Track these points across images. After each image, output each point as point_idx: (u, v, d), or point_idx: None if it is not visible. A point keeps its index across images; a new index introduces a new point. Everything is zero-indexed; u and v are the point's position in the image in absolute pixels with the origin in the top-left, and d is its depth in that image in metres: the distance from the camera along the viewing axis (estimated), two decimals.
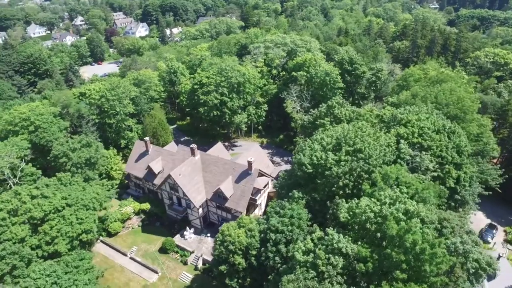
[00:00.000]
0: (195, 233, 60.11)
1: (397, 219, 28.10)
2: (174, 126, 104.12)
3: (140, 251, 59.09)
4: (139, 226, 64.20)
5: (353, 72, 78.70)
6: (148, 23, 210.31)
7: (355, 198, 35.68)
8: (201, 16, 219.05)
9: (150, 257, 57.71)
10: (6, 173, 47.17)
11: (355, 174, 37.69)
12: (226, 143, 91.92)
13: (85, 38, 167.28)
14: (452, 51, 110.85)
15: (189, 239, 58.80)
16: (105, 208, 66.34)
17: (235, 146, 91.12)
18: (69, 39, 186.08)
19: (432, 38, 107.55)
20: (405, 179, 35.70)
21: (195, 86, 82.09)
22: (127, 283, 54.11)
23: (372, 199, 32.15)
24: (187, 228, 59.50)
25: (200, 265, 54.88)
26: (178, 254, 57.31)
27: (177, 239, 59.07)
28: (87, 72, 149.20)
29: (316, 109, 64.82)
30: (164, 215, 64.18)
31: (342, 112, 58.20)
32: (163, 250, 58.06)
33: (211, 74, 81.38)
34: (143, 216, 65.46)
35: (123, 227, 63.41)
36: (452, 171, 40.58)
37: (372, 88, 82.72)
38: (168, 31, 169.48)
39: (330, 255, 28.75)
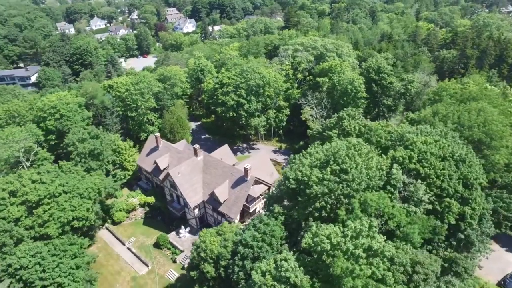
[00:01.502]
0: (190, 232, 60.49)
1: (351, 256, 25.03)
2: (199, 123, 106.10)
3: (137, 242, 61.02)
4: (142, 218, 66.37)
5: (379, 82, 73.08)
6: (196, 20, 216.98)
7: (330, 224, 32.81)
8: (249, 14, 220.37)
9: (144, 250, 59.32)
10: (21, 157, 51.54)
11: (333, 197, 34.62)
12: (245, 145, 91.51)
13: (135, 32, 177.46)
14: (509, 63, 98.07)
15: (183, 237, 59.34)
16: (115, 197, 70.46)
17: (253, 148, 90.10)
18: (122, 32, 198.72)
19: (484, 48, 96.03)
20: (387, 210, 31.90)
21: (216, 86, 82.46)
22: (118, 272, 56.22)
23: (340, 228, 29.12)
24: (182, 226, 60.08)
25: (186, 265, 55.05)
26: (170, 251, 58.16)
27: (172, 236, 59.95)
28: (132, 64, 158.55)
29: (327, 119, 61.36)
30: (166, 210, 65.50)
31: (351, 125, 54.30)
32: (157, 245, 59.32)
33: (233, 75, 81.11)
34: (147, 209, 67.64)
35: (127, 217, 66.04)
36: (453, 206, 35.40)
37: (401, 100, 76.18)
38: (210, 28, 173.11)
39: (276, 283, 26.64)
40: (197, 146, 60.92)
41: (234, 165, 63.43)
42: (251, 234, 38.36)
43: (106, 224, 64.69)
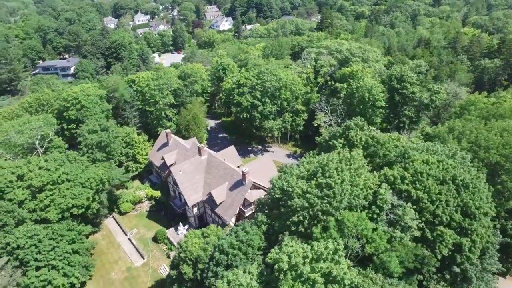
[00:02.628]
0: (188, 230, 60.95)
1: (307, 280, 23.28)
2: (219, 121, 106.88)
3: (138, 234, 62.76)
4: (146, 211, 68.17)
5: (400, 91, 68.48)
6: (233, 18, 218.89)
7: (305, 240, 31.16)
8: (286, 14, 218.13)
9: (143, 243, 60.84)
10: (35, 143, 55.14)
11: (311, 212, 32.71)
12: (260, 147, 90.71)
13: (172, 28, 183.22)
14: None
15: (180, 234, 59.95)
16: (126, 188, 73.11)
17: (267, 151, 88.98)
18: (161, 28, 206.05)
19: None
20: (366, 232, 29.46)
21: (233, 86, 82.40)
22: (116, 261, 58.21)
23: (306, 247, 27.35)
24: (180, 223, 60.75)
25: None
26: (166, 247, 59.09)
27: (170, 231, 60.89)
28: (165, 59, 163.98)
29: (337, 127, 58.67)
30: (169, 206, 66.67)
31: (357, 135, 51.35)
32: (155, 239, 60.56)
33: (250, 76, 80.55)
34: (153, 203, 69.36)
35: (133, 208, 68.20)
36: (447, 235, 31.84)
37: (424, 112, 70.88)
38: (243, 27, 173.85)
39: None
40: (201, 145, 61.24)
41: (239, 167, 62.88)
42: (229, 240, 37.61)
43: (113, 214, 67.33)
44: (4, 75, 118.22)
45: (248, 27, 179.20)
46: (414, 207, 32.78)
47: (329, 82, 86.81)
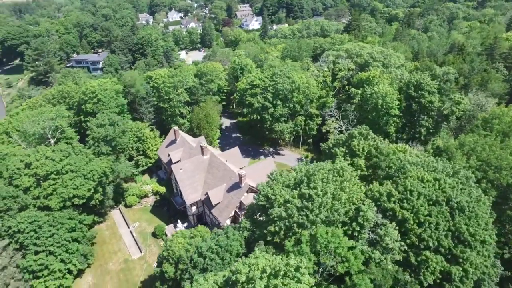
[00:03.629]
0: (187, 228, 61.42)
1: None
2: (234, 121, 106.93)
3: (139, 228, 64.28)
4: (151, 205, 69.67)
5: (417, 100, 64.50)
6: (263, 17, 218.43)
7: (278, 252, 30.07)
8: (317, 15, 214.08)
9: (143, 237, 62.20)
10: (47, 133, 58.12)
11: (287, 224, 31.40)
12: (271, 149, 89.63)
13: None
14: None
15: (177, 231, 60.54)
16: (135, 181, 75.20)
17: (278, 154, 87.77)
18: (192, 25, 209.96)
19: None
20: (340, 251, 27.74)
21: (247, 86, 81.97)
22: (116, 252, 59.99)
23: (268, 260, 26.20)
24: (179, 221, 61.38)
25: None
26: (163, 242, 59.87)
27: (168, 228, 61.71)
28: (192, 56, 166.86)
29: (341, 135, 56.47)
30: (171, 203, 67.65)
31: (359, 145, 49.05)
32: (155, 234, 61.67)
33: (264, 77, 79.71)
34: (158, 198, 70.75)
35: (138, 202, 69.97)
36: (432, 262, 29.21)
37: (444, 123, 66.30)
38: (270, 27, 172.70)
39: None
40: (203, 144, 61.39)
41: (241, 168, 62.35)
42: (209, 244, 37.29)
43: (120, 206, 69.48)
44: (41, 67, 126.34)
45: (276, 27, 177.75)
46: (399, 227, 30.39)
47: (347, 87, 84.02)
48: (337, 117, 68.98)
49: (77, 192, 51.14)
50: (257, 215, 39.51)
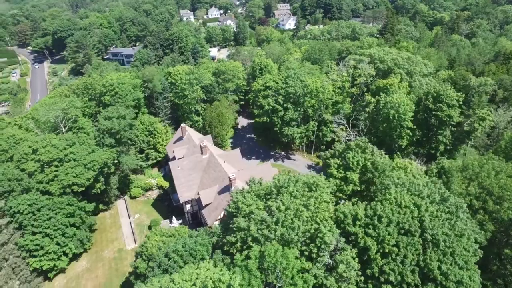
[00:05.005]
0: (181, 225, 62.11)
1: None
2: (251, 121, 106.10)
3: (138, 219, 66.19)
4: (153, 199, 71.44)
5: (434, 113, 59.27)
6: (301, 17, 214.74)
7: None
8: (357, 17, 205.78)
9: (140, 229, 63.96)
10: (58, 122, 61.75)
11: (243, 236, 30.11)
12: (283, 153, 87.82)
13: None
14: None
15: (173, 227, 61.39)
16: (144, 174, 77.57)
17: (289, 158, 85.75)
18: (229, 23, 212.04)
19: None
20: (288, 273, 25.99)
21: (261, 87, 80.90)
22: (113, 240, 62.33)
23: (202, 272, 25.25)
24: (173, 217, 62.25)
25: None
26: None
27: (163, 223, 62.81)
28: (223, 54, 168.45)
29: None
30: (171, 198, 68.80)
31: (354, 158, 46.20)
32: (151, 227, 63.05)
33: (278, 79, 78.14)
34: (161, 192, 72.36)
35: (143, 194, 72.07)
36: None
37: (465, 140, 60.35)
38: (303, 28, 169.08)
39: None
40: (203, 144, 61.49)
41: (239, 171, 61.66)
42: (175, 246, 37.20)
43: (126, 196, 72.08)
44: (80, 59, 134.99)
45: (309, 27, 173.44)
46: (361, 255, 27.79)
47: (365, 94, 79.69)
48: (345, 125, 65.37)
49: (76, 180, 53.69)
50: (230, 222, 38.67)
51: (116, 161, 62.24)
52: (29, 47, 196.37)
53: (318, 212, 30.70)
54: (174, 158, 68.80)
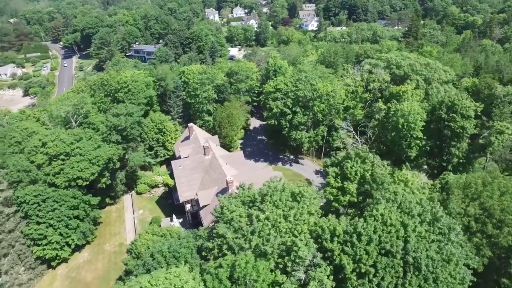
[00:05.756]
0: (182, 224, 62.70)
1: None
2: (264, 123, 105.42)
3: (142, 215, 67.48)
4: (159, 196, 72.57)
5: (446, 124, 56.09)
6: (325, 18, 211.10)
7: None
8: (383, 19, 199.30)
9: (142, 225, 65.11)
10: (74, 118, 64.04)
11: (219, 244, 29.64)
12: (292, 157, 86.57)
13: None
14: None
15: (172, 226, 62.08)
16: (152, 171, 79.03)
17: (297, 163, 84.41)
18: (252, 23, 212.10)
19: None
20: (258, 285, 25.26)
21: (271, 89, 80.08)
22: (115, 234, 63.96)
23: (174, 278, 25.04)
24: (174, 216, 62.86)
25: None
26: None
27: (164, 221, 63.54)
28: (243, 54, 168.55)
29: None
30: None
31: (353, 168, 44.62)
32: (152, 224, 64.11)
33: (289, 81, 77.01)
34: (167, 189, 73.40)
35: (148, 191, 73.42)
36: None
37: (481, 154, 56.77)
38: (325, 29, 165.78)
39: None
40: (206, 144, 61.62)
41: (239, 174, 61.29)
42: (160, 246, 37.47)
43: (133, 192, 73.75)
44: (103, 55, 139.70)
45: (333, 29, 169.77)
46: (336, 273, 26.55)
47: (379, 100, 76.87)
48: (352, 131, 63.36)
49: (81, 174, 55.42)
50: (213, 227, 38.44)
51: (122, 157, 63.62)
52: (61, 43, 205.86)
53: (298, 224, 29.71)
54: (180, 157, 69.55)
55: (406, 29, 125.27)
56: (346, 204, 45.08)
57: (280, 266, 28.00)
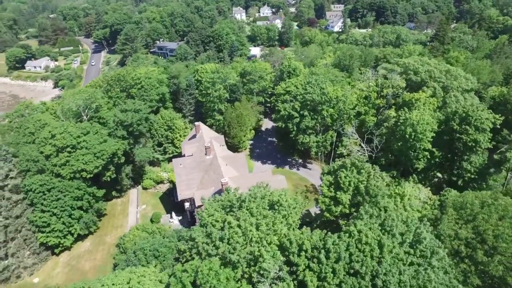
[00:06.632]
0: (181, 221, 63.42)
1: None
2: (276, 124, 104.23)
3: (144, 210, 68.92)
4: (163, 192, 73.79)
5: (458, 136, 52.59)
6: (352, 19, 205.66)
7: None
8: (411, 21, 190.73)
9: (143, 219, 66.43)
10: (85, 111, 66.42)
11: (189, 247, 29.30)
12: (300, 160, 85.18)
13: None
14: None
15: (171, 223, 62.95)
16: (160, 167, 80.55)
17: (305, 167, 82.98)
18: (277, 22, 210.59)
19: None
20: None
21: (282, 91, 79.02)
22: (117, 227, 65.71)
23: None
24: (173, 213, 63.62)
25: None
26: None
27: (164, 217, 64.57)
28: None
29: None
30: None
31: (347, 178, 43.02)
32: (152, 220, 65.24)
33: (299, 84, 75.57)
34: (171, 186, 74.44)
35: (154, 186, 74.86)
36: None
37: (495, 170, 52.77)
38: (349, 31, 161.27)
39: None
40: (207, 144, 61.77)
41: (237, 176, 60.91)
42: (143, 244, 37.95)
43: (139, 186, 75.51)
44: (127, 51, 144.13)
45: (359, 30, 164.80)
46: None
47: (392, 107, 73.60)
48: (358, 138, 61.06)
49: (85, 167, 57.36)
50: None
51: (129, 152, 65.17)
52: (92, 38, 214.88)
53: (269, 234, 28.82)
54: (185, 155, 70.25)
55: (434, 32, 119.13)
56: (338, 215, 43.50)
57: (246, 276, 27.33)
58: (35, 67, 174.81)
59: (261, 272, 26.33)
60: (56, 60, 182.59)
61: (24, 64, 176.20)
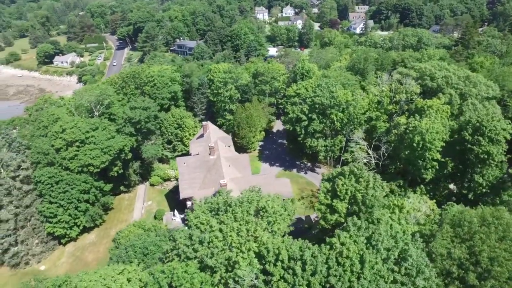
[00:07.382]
0: (182, 219, 64.01)
1: None
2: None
3: (149, 206, 70.18)
4: (169, 189, 74.79)
5: (469, 147, 49.82)
6: (375, 21, 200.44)
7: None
8: (436, 24, 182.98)
9: (148, 215, 67.70)
10: (97, 107, 68.39)
11: (171, 248, 29.30)
12: (309, 164, 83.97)
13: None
14: None
15: (173, 220, 63.73)
16: (169, 163, 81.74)
17: (313, 171, 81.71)
18: (299, 23, 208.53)
19: None
20: None
21: (292, 93, 78.04)
22: (122, 221, 67.23)
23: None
24: (176, 211, 64.31)
25: None
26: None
27: (167, 214, 65.45)
28: None
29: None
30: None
31: (344, 186, 41.87)
32: (155, 216, 66.30)
33: (309, 86, 74.36)
34: (177, 184, 75.32)
35: (160, 183, 76.01)
36: None
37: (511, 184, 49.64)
38: (370, 33, 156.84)
39: None
40: (212, 144, 61.94)
41: (238, 177, 60.73)
42: (134, 241, 38.54)
43: (147, 182, 76.95)
44: (147, 48, 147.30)
45: (379, 33, 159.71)
46: None
47: (405, 113, 70.87)
48: (364, 144, 59.26)
49: (92, 162, 59.03)
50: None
51: (138, 149, 66.48)
52: (116, 35, 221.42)
53: (249, 240, 28.35)
54: (191, 154, 70.89)
55: (459, 36, 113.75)
56: (334, 224, 42.38)
57: (223, 281, 27.04)
58: (62, 62, 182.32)
59: (236, 279, 26.00)
60: (82, 56, 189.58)
61: (52, 59, 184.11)
